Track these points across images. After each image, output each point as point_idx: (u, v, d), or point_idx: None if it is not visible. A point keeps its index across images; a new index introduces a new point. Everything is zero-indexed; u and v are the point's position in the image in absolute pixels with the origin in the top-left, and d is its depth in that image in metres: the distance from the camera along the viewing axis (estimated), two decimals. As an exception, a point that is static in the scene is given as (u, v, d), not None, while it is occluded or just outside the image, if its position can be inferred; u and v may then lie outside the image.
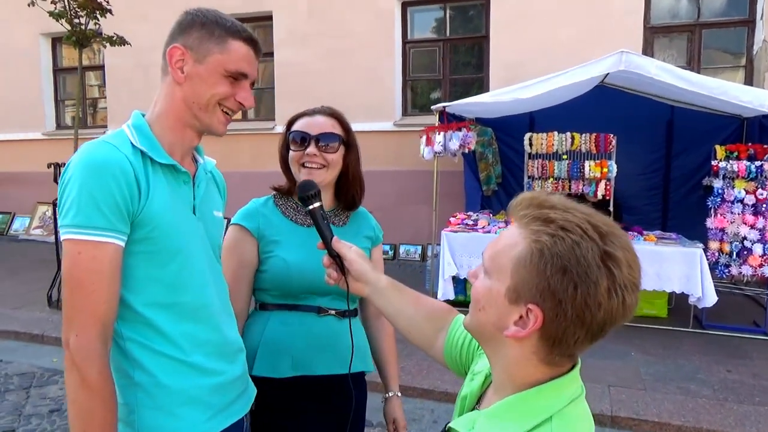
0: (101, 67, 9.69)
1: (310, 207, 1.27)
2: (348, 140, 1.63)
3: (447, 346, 1.19)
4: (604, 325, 0.79)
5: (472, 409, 0.99)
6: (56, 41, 9.95)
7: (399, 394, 1.77)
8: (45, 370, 4.37)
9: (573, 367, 0.87)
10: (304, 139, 1.56)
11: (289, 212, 1.64)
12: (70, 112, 10.27)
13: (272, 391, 1.52)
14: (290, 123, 1.64)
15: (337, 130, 1.60)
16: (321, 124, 1.58)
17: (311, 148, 1.55)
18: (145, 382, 1.18)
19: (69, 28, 6.11)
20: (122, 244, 1.12)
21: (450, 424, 0.96)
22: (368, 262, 1.26)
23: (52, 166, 5.60)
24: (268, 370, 1.53)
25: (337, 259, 1.24)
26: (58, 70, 10.12)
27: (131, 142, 1.18)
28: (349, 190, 1.67)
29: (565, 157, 5.58)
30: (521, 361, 0.85)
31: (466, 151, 5.78)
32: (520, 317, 0.81)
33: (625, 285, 0.77)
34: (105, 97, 9.68)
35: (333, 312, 1.58)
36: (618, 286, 0.77)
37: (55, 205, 5.71)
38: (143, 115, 1.26)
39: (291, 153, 1.59)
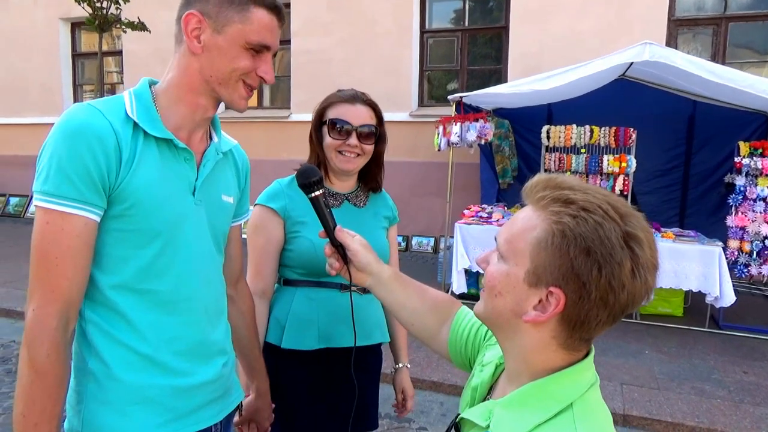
0: (120, 53, 9.73)
1: (312, 195, 1.21)
2: (382, 131, 1.68)
3: (452, 339, 1.16)
4: (626, 306, 0.77)
5: (484, 400, 0.96)
6: (75, 26, 10.01)
7: (408, 365, 1.87)
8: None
9: (588, 354, 0.85)
10: (347, 130, 1.60)
11: None
12: (88, 97, 10.34)
13: (300, 362, 1.61)
14: (327, 105, 1.64)
15: (374, 120, 1.65)
16: (362, 116, 1.62)
17: (353, 139, 1.60)
18: (98, 372, 1.08)
19: (90, 11, 6.11)
20: (95, 218, 1.03)
21: (463, 415, 0.92)
22: (372, 253, 1.21)
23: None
24: (296, 342, 1.60)
25: (340, 249, 1.20)
26: (76, 55, 10.19)
27: (126, 110, 1.08)
28: (376, 175, 1.75)
29: (583, 150, 5.48)
30: (539, 347, 0.83)
31: (483, 142, 5.70)
32: (540, 301, 0.79)
33: (647, 266, 0.76)
34: (123, 83, 9.73)
35: (355, 288, 1.59)
36: (641, 267, 0.75)
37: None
38: (151, 85, 1.17)
39: (330, 140, 1.61)
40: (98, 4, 6.16)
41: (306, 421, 1.64)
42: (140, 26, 6.43)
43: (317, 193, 1.21)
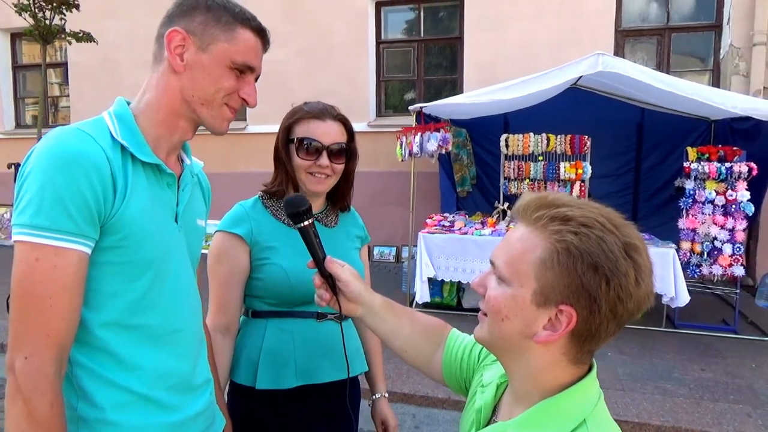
0: (63, 65, 9.35)
1: (301, 225, 1.15)
2: (353, 148, 1.57)
3: (445, 363, 1.15)
4: (633, 314, 0.79)
5: (489, 421, 0.95)
6: (15, 37, 9.56)
7: (386, 395, 1.73)
8: (4, 380, 4.14)
9: (591, 368, 0.86)
10: (317, 149, 1.48)
11: (280, 215, 1.54)
12: (31, 111, 9.89)
13: (278, 403, 1.48)
14: (294, 120, 1.52)
15: (345, 137, 1.54)
16: (333, 134, 1.50)
17: (323, 160, 1.48)
18: (90, 417, 0.99)
19: (32, 22, 5.85)
20: (89, 251, 0.96)
21: None
22: (362, 282, 1.18)
23: (12, 166, 5.36)
24: (272, 382, 1.46)
25: (330, 279, 1.15)
26: (17, 67, 9.73)
27: (111, 134, 1.01)
28: (345, 195, 1.64)
29: (540, 158, 5.60)
30: (549, 365, 0.83)
31: (444, 152, 5.75)
32: (549, 320, 0.80)
33: (647, 271, 0.79)
34: (67, 96, 9.34)
35: (332, 316, 1.52)
36: (643, 274, 0.78)
37: (15, 207, 5.49)
38: (128, 104, 1.10)
39: (299, 160, 1.49)
40: (40, 15, 5.91)
41: None
42: (86, 38, 6.20)
43: (306, 222, 1.14)
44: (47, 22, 5.95)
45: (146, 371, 1.05)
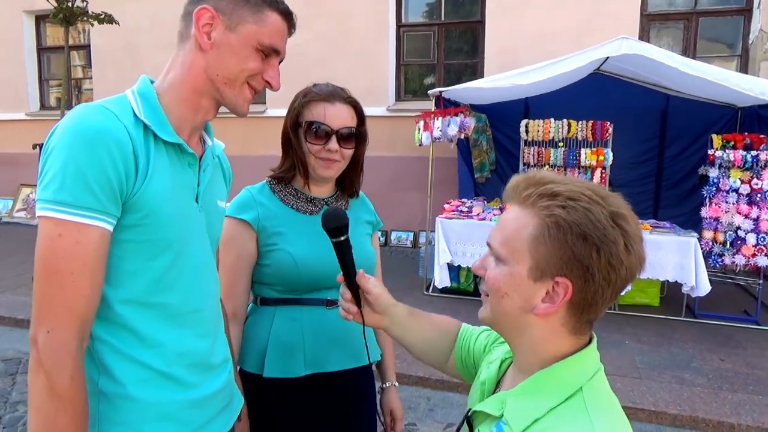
0: (86, 47, 9.45)
1: (338, 240, 1.13)
2: (363, 132, 1.52)
3: (457, 356, 1.19)
4: (626, 280, 0.82)
5: (493, 393, 0.98)
6: (40, 19, 9.68)
7: (396, 384, 1.71)
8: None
9: (591, 340, 0.89)
10: (326, 134, 1.44)
11: (288, 199, 1.52)
12: (55, 93, 10.03)
13: (286, 392, 1.46)
14: (303, 103, 1.47)
15: (355, 121, 1.49)
16: (343, 117, 1.45)
17: (333, 144, 1.44)
18: (111, 392, 1.01)
19: (55, 5, 5.91)
20: (111, 228, 0.96)
21: (475, 408, 0.94)
22: (387, 294, 1.19)
23: (38, 147, 5.45)
24: (280, 371, 1.44)
25: (356, 292, 1.16)
26: (42, 49, 9.86)
27: (134, 112, 1.01)
28: (354, 179, 1.59)
29: (561, 144, 5.54)
30: (549, 337, 0.86)
31: (463, 136, 5.71)
32: (547, 293, 0.83)
33: (636, 238, 0.82)
34: (90, 78, 9.45)
35: (337, 305, 1.49)
36: (632, 241, 0.81)
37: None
38: (152, 82, 1.10)
39: (308, 144, 1.45)
40: (63, -4, 5.97)
41: None
42: (108, 19, 6.24)
43: (343, 237, 1.13)
44: (70, 4, 6.00)
45: (166, 349, 1.06)
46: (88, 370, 1.01)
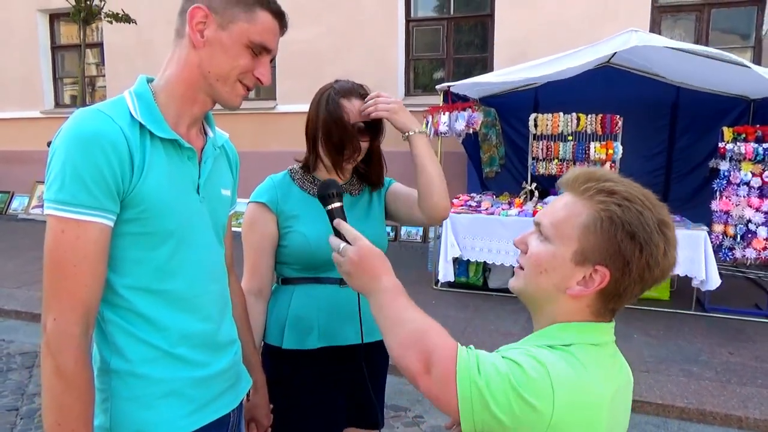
0: (99, 45, 9.56)
1: (330, 207, 1.21)
2: (379, 127, 1.62)
3: None
4: (656, 280, 0.91)
5: None
6: (54, 17, 9.80)
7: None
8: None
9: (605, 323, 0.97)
10: (366, 131, 1.57)
11: (306, 186, 1.64)
12: (69, 91, 10.16)
13: (301, 362, 1.59)
14: (338, 95, 1.57)
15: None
16: (358, 111, 1.55)
17: (366, 143, 1.57)
18: (122, 370, 1.10)
19: (74, 3, 5.99)
20: (110, 224, 1.04)
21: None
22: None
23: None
24: (297, 342, 1.58)
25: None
26: (56, 48, 9.99)
27: (130, 113, 1.08)
28: (372, 170, 1.70)
29: (570, 138, 5.53)
30: (572, 313, 0.94)
31: (471, 131, 5.72)
32: (584, 277, 0.91)
33: (674, 245, 0.91)
34: (103, 75, 9.56)
35: None
36: (671, 247, 0.90)
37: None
38: (149, 81, 1.17)
39: (355, 142, 1.57)
40: (81, -5, 6.05)
41: (308, 422, 1.61)
42: (125, 18, 6.33)
43: (336, 205, 1.20)
44: (88, 3, 6.07)
45: (171, 331, 1.13)
46: (101, 349, 1.11)
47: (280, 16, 1.16)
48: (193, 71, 1.13)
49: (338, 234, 1.16)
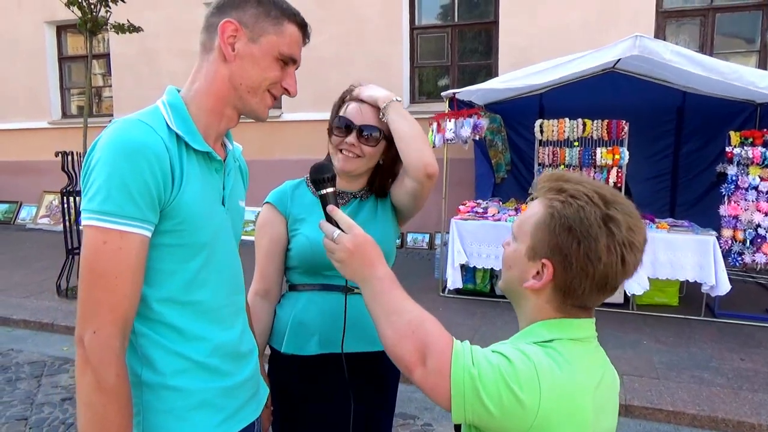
0: (105, 56, 9.63)
1: (322, 192, 1.21)
2: (389, 134, 1.59)
3: None
4: (606, 277, 0.93)
5: None
6: (61, 29, 9.90)
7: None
8: (55, 358, 4.37)
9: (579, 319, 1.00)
10: (348, 127, 1.57)
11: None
12: (76, 101, 10.24)
13: (300, 368, 1.59)
14: (340, 101, 1.64)
15: (381, 123, 1.58)
16: (367, 116, 1.58)
17: (351, 138, 1.56)
18: (153, 382, 1.10)
19: (80, 15, 6.04)
20: (149, 235, 1.04)
21: None
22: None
23: (60, 154, 5.57)
24: (297, 348, 1.58)
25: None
26: (63, 59, 10.07)
27: (167, 123, 1.09)
28: (381, 180, 1.68)
29: (576, 144, 5.50)
30: (539, 309, 0.99)
31: (477, 138, 5.71)
32: (537, 272, 0.97)
33: (624, 244, 0.92)
34: (110, 86, 9.63)
35: (358, 291, 1.56)
36: (617, 244, 0.91)
37: (62, 194, 5.70)
38: (179, 91, 1.17)
39: (333, 137, 1.61)
40: (86, 6, 6.08)
41: (304, 427, 1.62)
42: (131, 28, 6.37)
43: (328, 190, 1.20)
44: (94, 14, 6.11)
45: (202, 342, 1.15)
46: (131, 363, 1.09)
47: (304, 28, 1.21)
48: (223, 84, 1.15)
49: (330, 220, 1.16)
